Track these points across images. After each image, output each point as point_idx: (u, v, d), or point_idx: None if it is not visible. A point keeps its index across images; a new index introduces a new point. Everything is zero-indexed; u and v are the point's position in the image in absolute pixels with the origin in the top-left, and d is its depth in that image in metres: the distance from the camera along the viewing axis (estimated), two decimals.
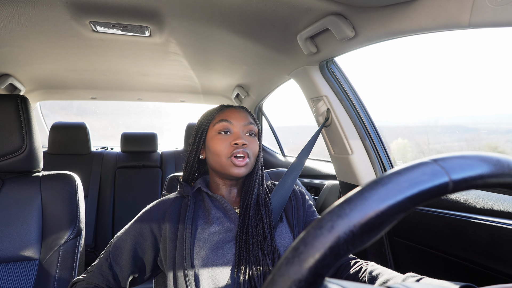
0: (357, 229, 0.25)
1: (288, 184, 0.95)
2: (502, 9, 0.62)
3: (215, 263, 0.75)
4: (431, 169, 0.27)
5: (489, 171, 0.29)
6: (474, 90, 1.46)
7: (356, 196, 0.27)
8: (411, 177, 0.27)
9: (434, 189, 0.27)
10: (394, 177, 0.27)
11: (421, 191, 0.27)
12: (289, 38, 1.17)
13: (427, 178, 0.27)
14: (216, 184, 0.89)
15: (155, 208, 0.84)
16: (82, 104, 3.56)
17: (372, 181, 0.28)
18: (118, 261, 0.79)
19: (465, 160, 0.29)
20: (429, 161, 0.28)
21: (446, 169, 0.28)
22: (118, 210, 2.39)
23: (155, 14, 1.07)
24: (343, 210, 0.26)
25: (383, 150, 1.28)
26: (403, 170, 0.28)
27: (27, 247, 0.91)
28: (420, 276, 0.61)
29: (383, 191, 0.26)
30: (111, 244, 0.82)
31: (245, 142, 0.82)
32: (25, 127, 0.94)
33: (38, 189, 0.96)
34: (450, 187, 0.27)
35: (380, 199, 0.26)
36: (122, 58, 1.60)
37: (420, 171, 0.27)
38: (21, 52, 1.47)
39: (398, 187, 0.27)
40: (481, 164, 0.29)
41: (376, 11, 0.86)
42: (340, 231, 0.25)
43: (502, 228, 0.79)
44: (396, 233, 1.16)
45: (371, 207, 0.26)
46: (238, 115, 0.86)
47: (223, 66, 1.75)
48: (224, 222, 0.81)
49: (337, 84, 1.28)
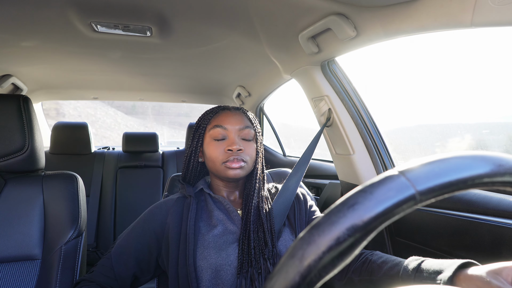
0: (327, 256, 0.25)
1: (291, 188, 0.94)
2: (505, 8, 0.61)
3: (219, 264, 0.74)
4: (396, 184, 0.27)
5: (461, 176, 0.27)
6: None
7: (323, 220, 0.26)
8: (377, 195, 0.26)
9: (400, 204, 0.26)
10: (360, 196, 0.27)
11: (387, 209, 0.26)
12: (290, 38, 1.17)
13: (393, 194, 0.26)
14: (217, 185, 0.89)
15: (158, 209, 0.84)
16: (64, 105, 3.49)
17: (339, 203, 0.27)
18: (120, 261, 0.79)
19: (432, 166, 0.28)
20: (396, 173, 0.28)
21: (412, 180, 0.27)
22: (120, 210, 2.39)
23: (157, 14, 1.07)
24: (312, 237, 0.26)
25: (385, 150, 1.28)
26: (368, 187, 0.27)
27: (29, 246, 0.91)
28: (422, 258, 0.62)
29: (349, 213, 0.26)
30: (114, 245, 0.82)
31: (240, 148, 0.81)
32: (27, 127, 0.94)
33: (40, 189, 0.96)
34: (417, 199, 0.26)
35: (346, 222, 0.26)
36: (123, 58, 1.60)
37: (385, 187, 0.27)
38: (23, 52, 1.47)
39: (364, 207, 0.26)
40: (450, 170, 0.27)
41: (378, 11, 0.86)
42: (310, 260, 0.25)
43: (504, 228, 0.78)
44: (397, 233, 1.16)
45: (338, 231, 0.25)
46: (233, 119, 0.85)
47: (225, 66, 1.75)
48: (227, 224, 0.81)
49: (338, 84, 1.28)
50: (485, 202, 0.87)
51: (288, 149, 2.53)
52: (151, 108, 14.37)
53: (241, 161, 0.81)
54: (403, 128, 1.87)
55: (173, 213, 0.82)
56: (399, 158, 1.47)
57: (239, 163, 0.81)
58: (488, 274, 0.46)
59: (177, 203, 0.84)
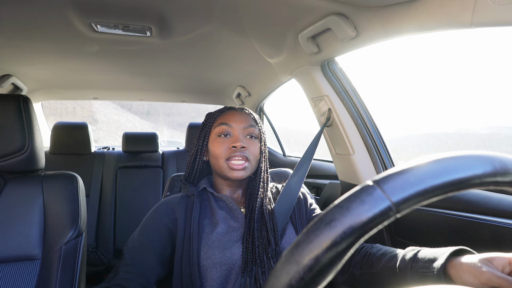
0: (307, 274, 0.25)
1: (294, 188, 0.95)
2: (505, 8, 0.61)
3: (223, 263, 0.75)
4: (372, 197, 0.26)
5: (438, 182, 0.26)
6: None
7: (303, 239, 0.26)
8: (353, 210, 0.26)
9: (377, 217, 0.26)
10: (337, 212, 0.26)
11: (364, 223, 0.26)
12: (290, 37, 1.17)
13: (368, 207, 0.26)
14: (220, 185, 0.90)
15: (164, 205, 0.84)
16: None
17: (317, 220, 0.27)
18: (142, 261, 0.74)
19: (406, 175, 0.27)
20: (371, 184, 0.27)
21: (387, 192, 0.26)
22: (120, 210, 2.39)
23: (157, 14, 1.07)
24: (293, 257, 0.26)
25: (385, 150, 1.28)
26: (344, 202, 0.27)
27: (29, 247, 0.91)
28: (419, 248, 0.63)
29: (327, 231, 0.26)
30: (127, 251, 0.76)
31: (244, 145, 0.82)
32: (27, 127, 0.94)
33: (40, 189, 0.96)
34: (394, 211, 0.26)
35: (324, 240, 0.25)
36: (123, 58, 1.60)
37: (361, 201, 0.26)
38: (23, 52, 1.47)
39: (340, 224, 0.26)
40: (426, 177, 0.27)
41: (378, 10, 0.86)
42: (292, 279, 0.25)
43: (504, 228, 0.78)
44: (397, 233, 1.16)
45: (317, 250, 0.25)
46: (238, 118, 0.87)
47: (224, 66, 1.75)
48: (230, 222, 0.82)
49: (338, 84, 1.28)
50: (485, 202, 0.87)
51: (287, 149, 2.54)
52: (162, 113, 15.61)
53: (245, 158, 0.82)
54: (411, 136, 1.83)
55: (179, 210, 0.82)
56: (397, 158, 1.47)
57: (242, 164, 0.82)
58: (480, 261, 0.48)
59: (181, 201, 0.85)
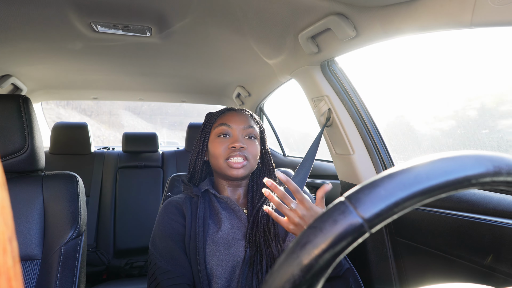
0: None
1: None
2: (505, 8, 0.61)
3: (229, 260, 0.76)
4: (344, 215, 0.26)
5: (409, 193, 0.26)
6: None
7: (281, 262, 0.27)
8: (325, 230, 0.26)
9: (349, 235, 0.26)
10: (311, 234, 0.27)
11: (337, 243, 0.26)
12: (290, 37, 1.17)
13: (340, 227, 0.26)
14: (221, 185, 0.91)
15: (172, 204, 0.86)
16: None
17: (294, 243, 0.27)
18: (177, 267, 0.75)
19: (377, 189, 0.26)
20: (343, 200, 0.27)
21: (358, 208, 0.26)
22: (120, 210, 2.39)
23: (156, 14, 1.07)
24: (274, 282, 0.26)
25: (384, 150, 1.28)
26: (318, 222, 0.27)
27: (29, 247, 0.91)
28: None
29: (301, 253, 0.26)
30: (157, 258, 0.76)
31: (243, 145, 0.83)
32: (27, 127, 0.94)
33: (40, 189, 0.96)
34: (366, 227, 0.26)
35: (299, 263, 0.26)
36: (123, 58, 1.60)
37: (333, 220, 0.26)
38: (23, 52, 1.47)
39: (313, 245, 0.26)
40: (396, 189, 0.26)
41: (378, 10, 0.86)
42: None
43: (504, 228, 0.78)
44: (397, 233, 1.16)
45: (294, 274, 0.25)
46: (238, 118, 0.88)
47: (224, 66, 1.75)
48: (234, 221, 0.83)
49: (338, 84, 1.28)
50: (485, 202, 0.87)
51: (287, 149, 2.54)
52: (159, 114, 16.52)
53: (244, 157, 0.83)
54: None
55: (186, 209, 0.84)
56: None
57: (241, 162, 0.83)
58: None
59: (186, 202, 0.86)
